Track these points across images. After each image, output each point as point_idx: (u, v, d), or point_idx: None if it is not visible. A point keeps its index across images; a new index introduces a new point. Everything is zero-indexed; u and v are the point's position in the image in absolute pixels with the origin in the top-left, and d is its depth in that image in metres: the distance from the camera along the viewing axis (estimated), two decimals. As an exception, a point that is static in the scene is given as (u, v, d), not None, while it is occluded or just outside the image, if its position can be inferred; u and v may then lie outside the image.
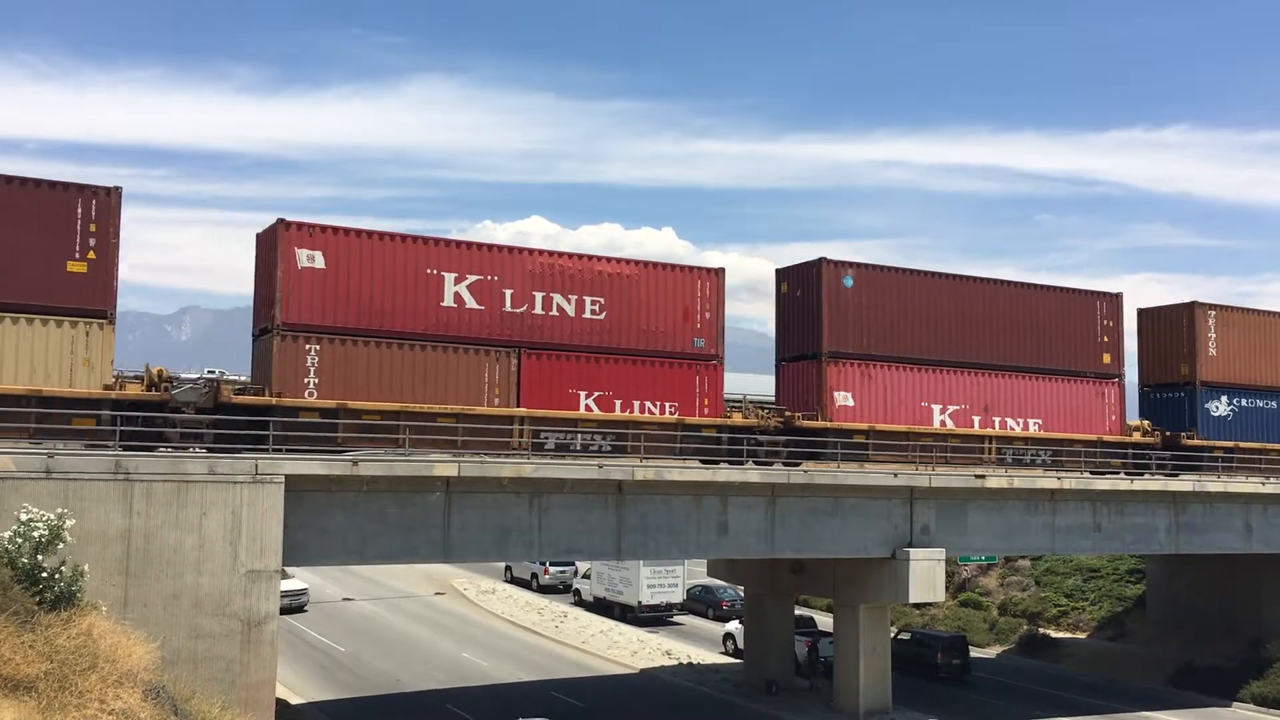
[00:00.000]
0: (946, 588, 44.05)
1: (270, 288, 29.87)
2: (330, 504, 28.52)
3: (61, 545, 18.88)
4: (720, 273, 35.97)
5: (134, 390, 27.48)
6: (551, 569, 65.75)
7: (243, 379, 32.90)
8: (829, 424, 36.50)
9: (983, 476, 37.78)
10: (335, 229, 30.37)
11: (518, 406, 32.00)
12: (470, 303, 31.86)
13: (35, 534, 18.42)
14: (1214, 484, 42.46)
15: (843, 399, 36.93)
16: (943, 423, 38.64)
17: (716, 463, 34.55)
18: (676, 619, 58.82)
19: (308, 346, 29.48)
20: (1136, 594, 56.44)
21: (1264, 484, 43.76)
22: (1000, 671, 49.63)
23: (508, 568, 69.20)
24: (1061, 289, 42.59)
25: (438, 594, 63.86)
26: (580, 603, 61.99)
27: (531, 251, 33.16)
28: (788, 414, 36.49)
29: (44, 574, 18.15)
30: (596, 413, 33.04)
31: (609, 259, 34.48)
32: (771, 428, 35.80)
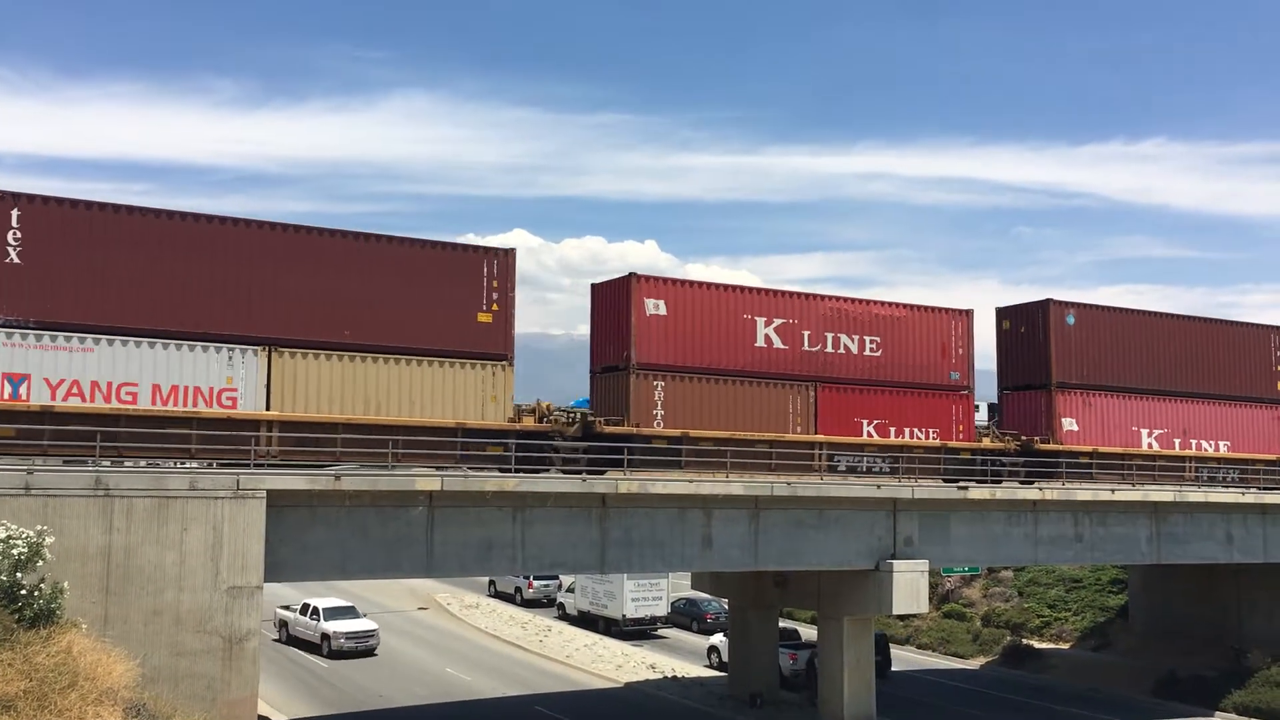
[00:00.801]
0: (930, 599, 44.17)
1: (621, 331, 34.43)
2: (312, 519, 28.39)
3: (41, 562, 18.77)
4: (970, 314, 40.41)
5: (528, 422, 32.23)
6: (535, 583, 65.63)
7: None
8: (1060, 446, 40.65)
9: (965, 488, 37.94)
10: (675, 281, 35.49)
11: (816, 434, 36.29)
12: (777, 343, 36.32)
13: (14, 551, 18.31)
14: (1194, 493, 42.73)
15: (1069, 425, 41.23)
16: (1149, 445, 43.00)
17: (967, 484, 38.00)
18: (661, 632, 58.75)
19: (656, 383, 34.07)
20: (1119, 604, 56.70)
21: (1243, 494, 44.07)
22: (983, 683, 49.76)
23: (491, 582, 69.03)
24: (1241, 324, 46.96)
25: (421, 609, 63.63)
26: (564, 616, 61.87)
27: (823, 297, 37.39)
28: (1024, 438, 40.49)
29: (23, 591, 18.04)
30: (875, 438, 37.47)
31: (883, 303, 38.72)
32: (1013, 450, 40.06)
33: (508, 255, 32.19)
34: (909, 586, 36.34)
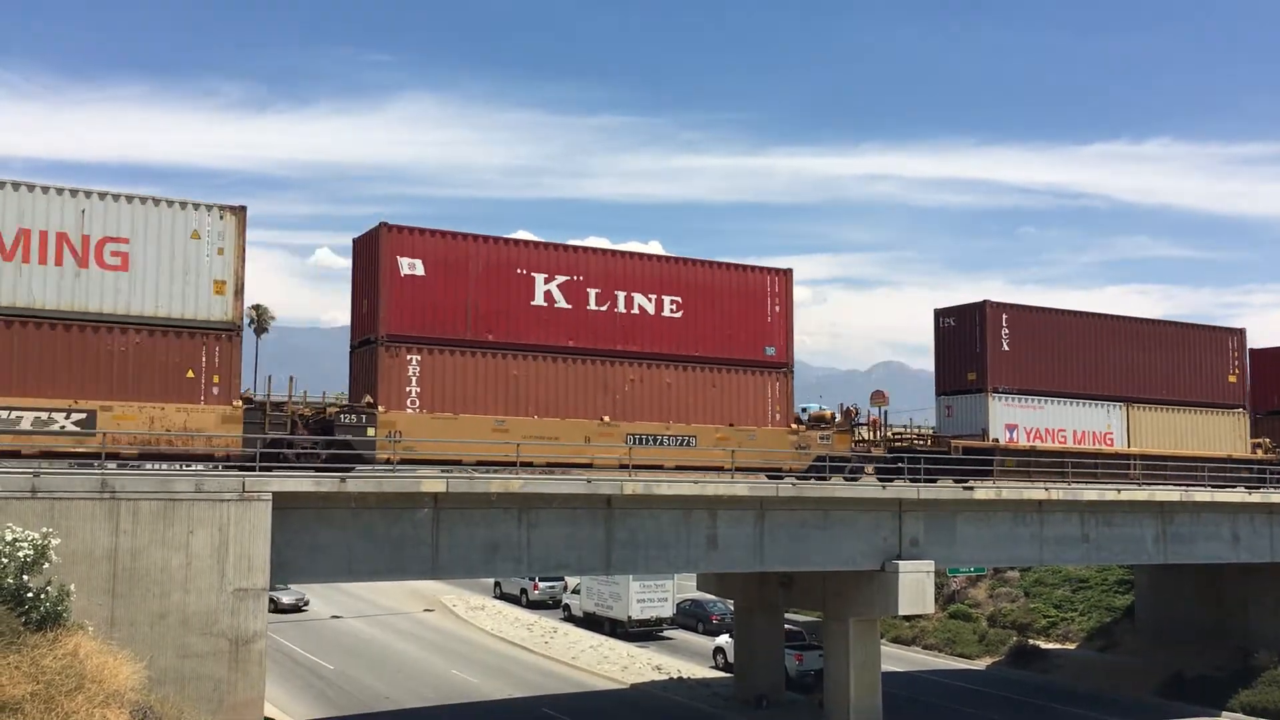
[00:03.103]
0: (936, 600, 44.10)
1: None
2: (318, 521, 28.40)
3: (47, 565, 18.79)
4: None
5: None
6: (541, 584, 65.62)
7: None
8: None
9: (970, 488, 37.87)
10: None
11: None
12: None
13: (20, 554, 18.33)
14: (1200, 493, 42.63)
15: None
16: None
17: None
18: (666, 633, 58.74)
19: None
20: (1125, 604, 56.58)
21: (1250, 493, 43.94)
22: (989, 683, 49.68)
23: (497, 583, 69.04)
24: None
25: (427, 610, 63.65)
26: (570, 618, 61.86)
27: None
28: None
29: (29, 594, 18.06)
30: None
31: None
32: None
33: None
34: (915, 587, 36.25)
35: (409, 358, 30.87)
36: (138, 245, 27.64)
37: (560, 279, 33.19)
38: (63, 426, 26.34)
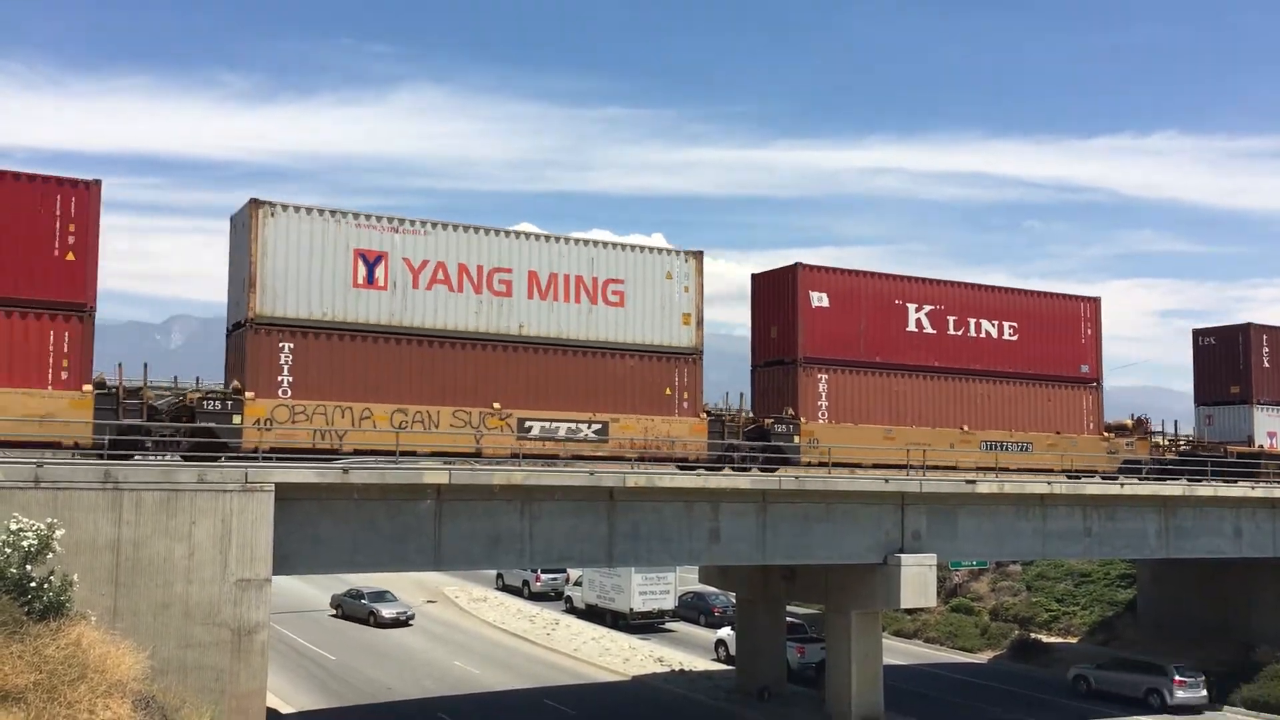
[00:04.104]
0: (938, 593, 44.09)
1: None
2: (321, 512, 28.42)
3: (50, 555, 18.84)
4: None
5: None
6: (543, 576, 65.68)
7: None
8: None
9: (973, 482, 37.85)
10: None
11: None
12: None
13: (24, 544, 18.38)
14: (1205, 488, 42.59)
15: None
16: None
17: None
18: (668, 626, 58.79)
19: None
20: (1127, 599, 56.58)
21: (1253, 488, 43.94)
22: (991, 677, 49.70)
23: (499, 575, 69.11)
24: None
25: (429, 602, 63.73)
26: (572, 610, 61.93)
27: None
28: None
29: (33, 584, 18.11)
30: None
31: None
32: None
33: None
34: (917, 580, 36.28)
35: (819, 376, 36.85)
36: (630, 285, 33.77)
37: (927, 308, 39.30)
38: (585, 435, 32.53)
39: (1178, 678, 43.12)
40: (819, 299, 37.31)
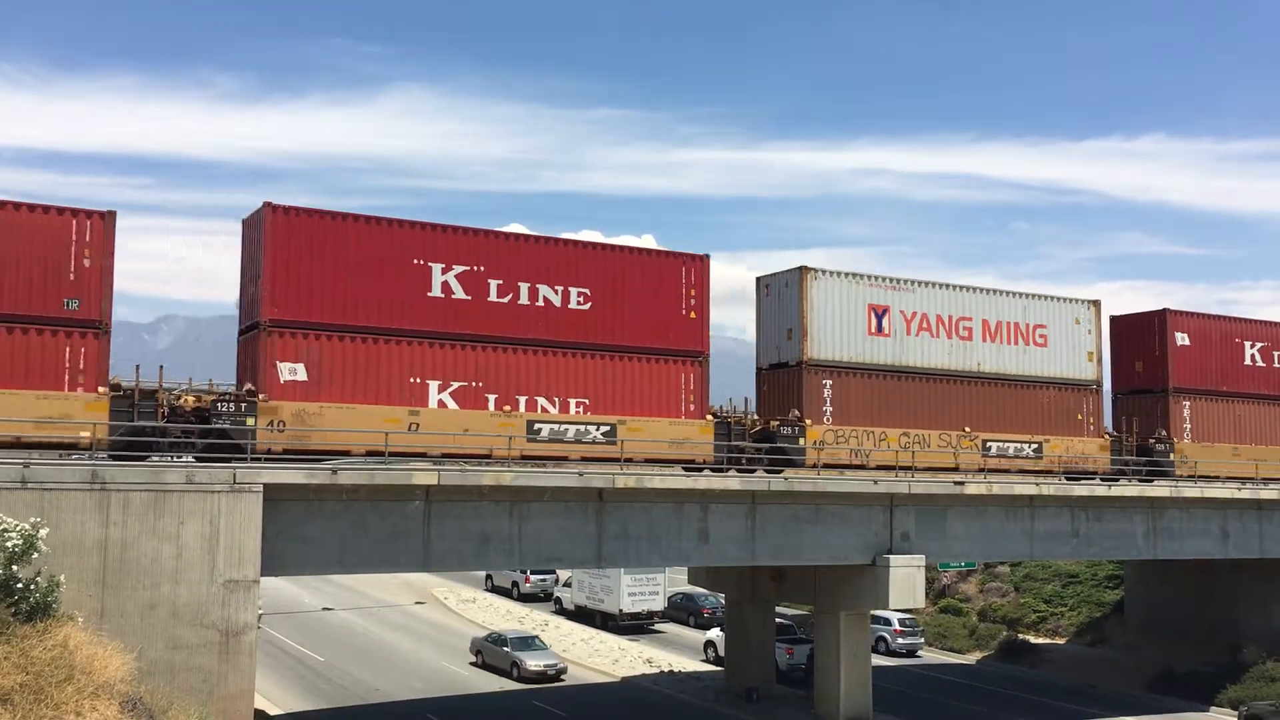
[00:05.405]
0: (926, 594, 44.17)
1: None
2: (310, 513, 28.37)
3: (36, 555, 18.76)
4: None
5: None
6: (533, 577, 65.62)
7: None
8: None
9: (961, 483, 37.95)
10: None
11: None
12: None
13: (9, 544, 18.29)
14: (1191, 489, 42.75)
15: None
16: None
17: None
18: (658, 627, 58.78)
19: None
20: (1115, 599, 56.76)
21: (1240, 489, 44.09)
22: (979, 677, 49.81)
23: (488, 576, 69.01)
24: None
25: (418, 603, 63.62)
26: (561, 611, 61.90)
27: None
28: None
29: (19, 584, 18.02)
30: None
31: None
32: None
33: None
34: (905, 581, 36.35)
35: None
36: (1050, 330, 41.92)
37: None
38: (1026, 453, 40.70)
39: (898, 627, 52.99)
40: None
